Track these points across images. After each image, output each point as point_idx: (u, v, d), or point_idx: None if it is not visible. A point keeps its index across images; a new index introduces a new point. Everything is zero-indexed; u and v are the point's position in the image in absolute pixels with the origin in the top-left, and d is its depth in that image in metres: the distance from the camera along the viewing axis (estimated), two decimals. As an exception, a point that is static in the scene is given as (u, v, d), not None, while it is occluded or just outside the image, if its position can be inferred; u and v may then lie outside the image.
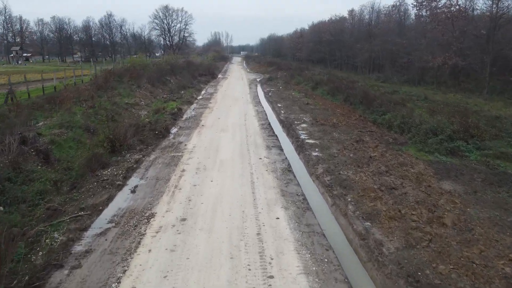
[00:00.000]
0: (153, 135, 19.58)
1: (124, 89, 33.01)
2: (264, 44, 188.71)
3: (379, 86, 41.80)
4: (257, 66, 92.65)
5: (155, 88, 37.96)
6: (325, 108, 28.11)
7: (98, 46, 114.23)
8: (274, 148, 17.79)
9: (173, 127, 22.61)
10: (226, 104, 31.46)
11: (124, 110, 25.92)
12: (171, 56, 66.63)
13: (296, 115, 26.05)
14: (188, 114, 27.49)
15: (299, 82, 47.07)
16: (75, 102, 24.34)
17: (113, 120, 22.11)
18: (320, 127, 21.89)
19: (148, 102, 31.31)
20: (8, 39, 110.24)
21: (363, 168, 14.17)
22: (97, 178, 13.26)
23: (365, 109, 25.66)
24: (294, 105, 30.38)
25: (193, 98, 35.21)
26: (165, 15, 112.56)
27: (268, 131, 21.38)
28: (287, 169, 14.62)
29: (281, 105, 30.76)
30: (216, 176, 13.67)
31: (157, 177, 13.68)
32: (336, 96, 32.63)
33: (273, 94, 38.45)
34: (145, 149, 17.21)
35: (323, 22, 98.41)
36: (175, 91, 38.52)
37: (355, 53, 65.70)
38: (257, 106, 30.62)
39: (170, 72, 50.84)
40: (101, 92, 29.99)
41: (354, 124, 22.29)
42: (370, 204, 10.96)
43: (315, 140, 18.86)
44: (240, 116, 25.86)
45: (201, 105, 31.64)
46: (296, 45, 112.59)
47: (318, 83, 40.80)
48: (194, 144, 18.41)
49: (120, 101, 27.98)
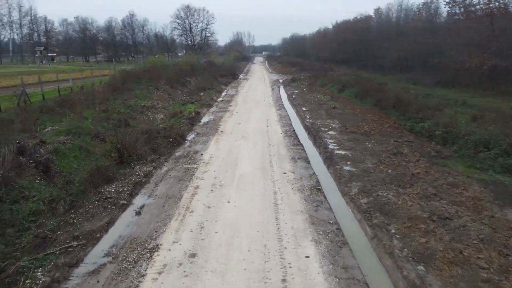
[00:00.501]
0: (167, 143, 17.97)
1: (142, 90, 31.72)
2: (286, 44, 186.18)
3: (410, 88, 39.18)
4: (279, 67, 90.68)
5: (173, 90, 36.57)
6: (354, 113, 25.95)
7: (120, 46, 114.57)
8: (300, 160, 15.86)
9: (190, 133, 20.98)
10: (247, 108, 29.68)
11: (139, 114, 24.49)
12: (191, 56, 65.41)
13: (322, 120, 24.03)
14: (206, 118, 25.84)
15: (324, 84, 44.86)
16: (88, 105, 23.08)
17: (126, 125, 20.68)
18: (350, 135, 19.82)
19: (166, 104, 29.85)
20: (33, 39, 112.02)
21: (406, 189, 12.08)
22: (100, 195, 11.66)
23: (399, 115, 23.38)
24: (320, 109, 28.32)
25: (212, 101, 33.58)
26: (186, 14, 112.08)
27: (293, 139, 19.46)
28: (315, 188, 12.68)
29: (306, 109, 28.75)
30: (234, 195, 11.87)
31: (167, 195, 11.99)
32: (365, 100, 30.37)
33: (296, 96, 36.45)
34: (157, 160, 15.58)
35: (347, 22, 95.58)
36: (195, 92, 37.03)
37: (382, 53, 62.86)
38: (280, 110, 28.71)
39: (190, 73, 49.57)
40: (117, 94, 28.77)
41: (389, 133, 20.10)
42: (421, 240, 8.92)
43: (345, 151, 16.83)
44: (262, 121, 24.03)
45: (221, 108, 29.97)
46: (319, 45, 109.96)
47: (344, 85, 38.53)
48: (211, 154, 16.67)
49: (136, 103, 26.60)
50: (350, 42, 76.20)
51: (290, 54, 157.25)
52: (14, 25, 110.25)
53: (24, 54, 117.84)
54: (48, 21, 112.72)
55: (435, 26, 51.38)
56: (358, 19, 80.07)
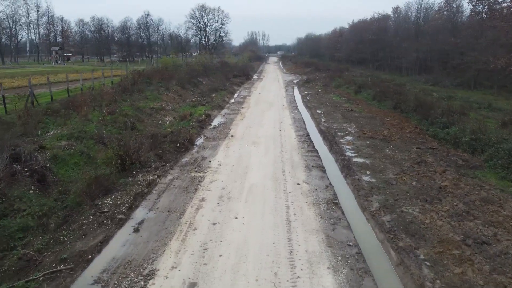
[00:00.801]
0: (174, 148, 17.01)
1: (152, 92, 30.92)
2: (301, 44, 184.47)
3: (429, 90, 37.58)
4: (293, 67, 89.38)
5: (185, 91, 35.73)
6: (372, 117, 24.63)
7: (135, 46, 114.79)
8: (315, 169, 14.70)
9: (199, 137, 20.00)
10: (259, 110, 28.59)
11: (147, 116, 23.63)
12: (204, 56, 64.65)
13: (338, 124, 22.79)
14: (217, 121, 24.86)
15: (339, 85, 43.50)
16: (95, 107, 22.32)
17: (132, 129, 19.81)
18: (368, 140, 18.56)
19: (176, 106, 28.98)
20: (50, 39, 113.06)
21: (433, 205, 10.84)
22: (96, 208, 10.73)
23: (420, 119, 22.00)
24: (336, 111, 27.06)
25: (224, 102, 32.60)
26: (201, 14, 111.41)
27: (307, 145, 18.30)
28: (332, 201, 11.52)
29: (321, 111, 27.53)
30: (243, 210, 10.80)
31: (170, 208, 10.99)
32: (383, 102, 28.97)
33: (311, 98, 35.22)
34: (162, 167, 14.61)
35: (364, 21, 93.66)
36: (206, 94, 36.12)
37: (400, 53, 61.10)
38: (294, 113, 27.55)
39: (202, 73, 48.72)
40: (126, 95, 28.01)
41: (410, 138, 18.78)
42: (456, 270, 7.71)
43: (364, 159, 15.62)
44: (274, 125, 22.92)
45: (233, 110, 28.95)
46: (334, 45, 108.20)
47: (361, 87, 37.13)
48: (220, 161, 15.64)
49: (145, 105, 25.78)
50: (367, 42, 74.48)
51: (304, 54, 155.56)
52: (32, 25, 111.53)
53: (41, 54, 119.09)
54: (65, 21, 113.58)
55: (457, 25, 49.44)
56: (375, 19, 78.26)
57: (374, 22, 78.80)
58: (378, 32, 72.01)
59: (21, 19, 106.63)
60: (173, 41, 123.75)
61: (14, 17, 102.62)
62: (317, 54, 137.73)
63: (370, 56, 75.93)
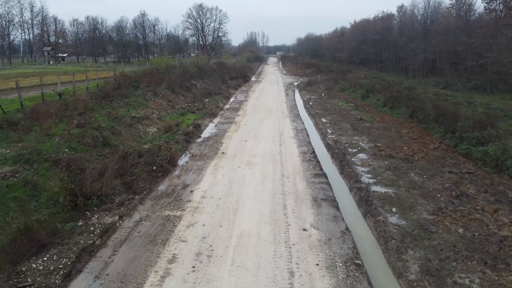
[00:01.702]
0: (149, 172, 13.77)
1: (137, 97, 27.72)
2: (301, 44, 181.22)
3: (443, 94, 34.34)
4: (294, 68, 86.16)
5: (175, 96, 32.49)
6: (386, 128, 21.40)
7: (130, 46, 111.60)
8: (325, 203, 11.46)
9: (183, 155, 16.75)
10: (257, 118, 25.34)
11: (126, 128, 20.40)
12: (199, 57, 61.41)
13: (348, 137, 19.57)
14: (207, 132, 21.61)
15: (344, 88, 40.26)
16: (63, 117, 19.11)
17: (104, 145, 16.61)
18: (387, 160, 15.34)
19: (163, 114, 25.73)
20: (43, 40, 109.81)
21: (499, 272, 7.62)
22: (17, 279, 7.48)
23: (444, 132, 18.75)
24: (344, 120, 23.82)
25: (218, 109, 29.34)
26: (198, 14, 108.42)
27: (313, 166, 15.05)
28: (353, 262, 8.29)
29: (326, 120, 24.30)
30: (227, 280, 7.56)
31: (124, 277, 7.74)
32: (396, 110, 25.73)
33: (314, 103, 31.99)
34: (129, 202, 11.36)
35: (366, 20, 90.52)
36: (199, 98, 32.86)
37: (405, 54, 57.94)
38: (295, 122, 24.30)
39: (197, 75, 45.53)
40: (106, 101, 24.80)
41: (437, 158, 15.54)
42: None
43: (386, 188, 12.41)
44: (274, 138, 19.69)
45: (226, 118, 25.69)
46: (336, 45, 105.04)
47: (369, 91, 33.89)
48: (204, 191, 12.40)
49: (126, 113, 22.55)
50: (371, 42, 71.30)
51: (304, 54, 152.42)
52: (26, 25, 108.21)
53: (36, 54, 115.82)
54: (59, 21, 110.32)
55: (469, 24, 46.23)
56: (379, 18, 75.09)
57: (378, 22, 75.64)
58: (382, 31, 68.84)
59: (14, 18, 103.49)
60: (170, 42, 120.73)
61: (7, 17, 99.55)
62: (317, 55, 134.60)
63: (373, 57, 72.72)
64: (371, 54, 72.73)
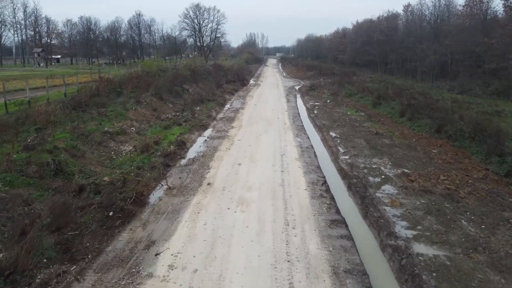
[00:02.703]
0: (102, 220, 10.01)
1: (116, 106, 24.09)
2: (301, 45, 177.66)
3: (462, 101, 30.63)
4: (294, 70, 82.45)
5: (163, 103, 28.76)
6: (410, 145, 17.69)
7: (124, 48, 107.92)
8: (350, 279, 7.73)
9: (157, 186, 12.98)
10: (254, 132, 21.63)
11: (94, 147, 16.67)
12: (194, 59, 57.70)
13: (366, 158, 15.86)
14: (193, 151, 17.86)
15: (351, 94, 36.57)
16: (13, 134, 15.43)
17: (57, 173, 12.88)
18: (423, 197, 11.62)
19: (145, 126, 22.01)
20: (36, 41, 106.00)
21: None
22: None
23: (488, 154, 15.03)
24: (356, 135, 20.11)
25: (209, 119, 25.60)
26: (196, 14, 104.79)
27: (327, 206, 11.31)
28: None
29: (335, 134, 20.58)
30: None
31: None
32: (417, 121, 22.00)
33: (319, 112, 28.26)
34: (59, 279, 7.60)
35: (369, 21, 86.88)
36: (189, 106, 29.13)
37: (413, 55, 54.29)
38: (299, 136, 20.56)
39: (190, 79, 41.80)
40: (77, 112, 21.17)
41: (489, 194, 11.78)
42: None
43: (434, 248, 8.73)
44: (274, 160, 15.96)
45: (218, 131, 21.96)
46: (337, 46, 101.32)
47: (380, 97, 30.17)
48: (176, 253, 8.66)
49: (97, 128, 18.83)
50: (375, 42, 67.66)
51: (304, 55, 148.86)
52: (19, 26, 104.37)
53: (28, 56, 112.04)
54: (52, 22, 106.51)
55: (486, 24, 42.54)
56: (384, 17, 71.49)
57: (383, 21, 71.97)
58: (388, 32, 65.19)
59: (6, 19, 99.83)
60: (166, 43, 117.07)
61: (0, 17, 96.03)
62: (318, 56, 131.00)
63: (378, 59, 69.03)
64: (375, 56, 69.03)
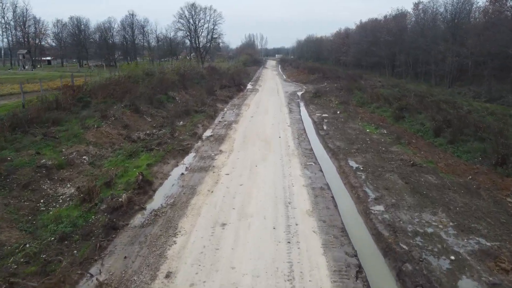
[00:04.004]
0: None
1: (74, 123, 18.86)
2: (301, 46, 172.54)
3: (501, 113, 25.41)
4: (295, 73, 77.17)
5: (138, 116, 23.51)
6: (467, 186, 12.46)
7: (118, 49, 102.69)
8: None
9: (81, 281, 7.76)
10: (248, 159, 16.39)
11: (16, 192, 11.48)
12: (183, 61, 52.43)
13: (412, 212, 10.64)
14: (160, 197, 12.58)
15: (363, 102, 31.36)
16: None
17: None
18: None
19: (105, 152, 16.75)
20: (24, 42, 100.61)
21: None
22: None
23: None
24: (386, 165, 14.89)
25: (193, 138, 20.32)
26: (191, 14, 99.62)
27: None
28: None
29: (357, 163, 15.35)
30: None
31: None
32: (461, 145, 16.77)
33: (330, 127, 23.04)
34: None
35: (373, 20, 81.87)
36: (170, 120, 23.84)
37: (430, 57, 49.15)
38: (309, 168, 15.29)
39: (178, 84, 36.56)
40: (16, 134, 16.03)
41: None
42: None
43: None
44: (275, 216, 10.71)
45: (202, 159, 16.69)
46: (340, 47, 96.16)
47: (402, 108, 24.94)
48: None
49: (32, 160, 13.65)
50: (383, 43, 62.54)
51: (305, 57, 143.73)
52: (8, 27, 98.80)
53: (15, 58, 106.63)
54: (41, 22, 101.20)
55: None
56: (392, 16, 66.35)
57: (390, 21, 66.88)
58: (397, 31, 60.05)
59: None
60: (160, 44, 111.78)
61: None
62: (319, 58, 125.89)
63: (386, 61, 63.85)
64: (383, 58, 63.84)
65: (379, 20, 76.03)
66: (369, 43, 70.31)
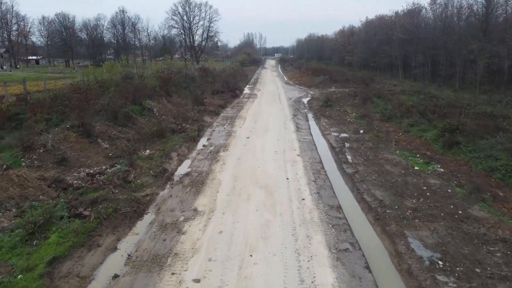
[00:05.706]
0: None
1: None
2: (301, 46, 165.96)
3: None
4: (297, 74, 70.35)
5: (88, 142, 16.77)
6: None
7: (105, 48, 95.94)
8: None
9: None
10: (239, 235, 9.71)
11: None
12: (167, 62, 45.57)
13: None
14: None
15: (389, 116, 24.62)
16: None
17: None
18: None
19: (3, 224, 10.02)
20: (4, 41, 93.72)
21: None
22: None
23: None
24: (478, 251, 8.28)
25: (157, 182, 13.53)
26: (185, 10, 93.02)
27: None
28: None
29: (426, 246, 8.71)
30: None
31: None
32: None
33: (356, 157, 16.37)
34: None
35: (380, 17, 75.34)
36: (136, 147, 17.13)
37: (453, 58, 42.61)
38: (342, 259, 8.64)
39: (159, 91, 29.80)
40: None
41: None
42: None
43: None
44: None
45: (158, 233, 9.98)
46: (344, 47, 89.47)
47: (453, 129, 18.23)
48: None
49: None
50: (396, 42, 55.92)
51: (305, 56, 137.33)
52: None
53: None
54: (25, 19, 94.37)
55: None
56: (407, 11, 59.73)
57: (403, 17, 60.20)
58: (413, 29, 53.41)
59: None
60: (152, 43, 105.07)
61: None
62: (320, 57, 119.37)
63: (400, 61, 57.17)
64: (396, 58, 57.16)
65: (389, 17, 69.38)
66: (380, 41, 63.77)
